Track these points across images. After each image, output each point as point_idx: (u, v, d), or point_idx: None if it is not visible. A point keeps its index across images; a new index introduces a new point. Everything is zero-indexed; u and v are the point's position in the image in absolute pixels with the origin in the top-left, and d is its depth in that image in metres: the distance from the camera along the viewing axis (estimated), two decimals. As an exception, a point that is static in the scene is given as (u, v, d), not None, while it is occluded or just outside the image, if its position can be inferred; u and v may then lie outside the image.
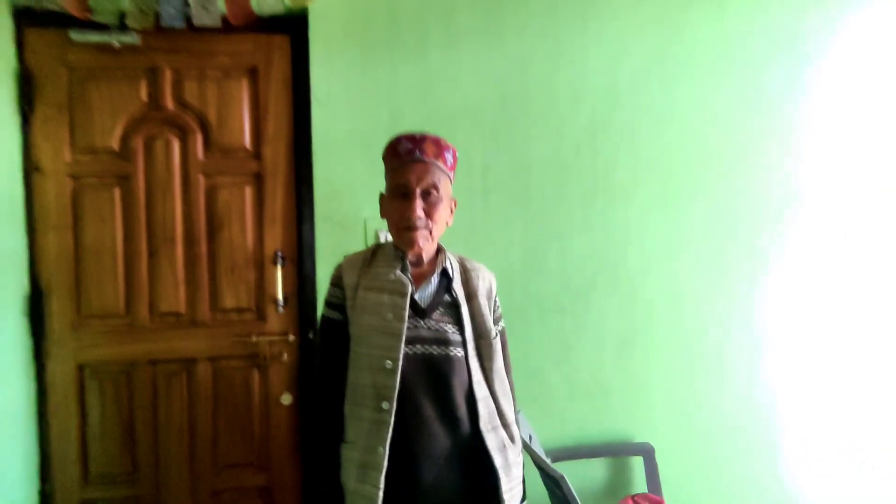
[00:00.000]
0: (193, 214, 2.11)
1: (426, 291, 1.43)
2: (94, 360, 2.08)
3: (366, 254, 1.49)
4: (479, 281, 1.49)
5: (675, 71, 2.22)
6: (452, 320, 1.41)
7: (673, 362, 2.25)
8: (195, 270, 2.12)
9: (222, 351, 2.12)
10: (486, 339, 1.44)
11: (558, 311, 2.18)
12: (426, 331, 1.38)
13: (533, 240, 2.16)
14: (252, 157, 2.13)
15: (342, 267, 1.48)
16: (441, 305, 1.43)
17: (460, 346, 1.40)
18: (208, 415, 2.12)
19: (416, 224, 1.37)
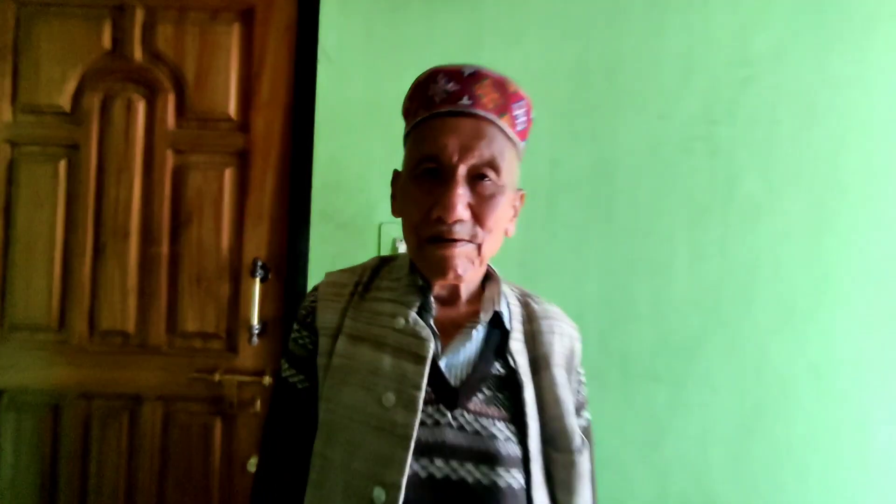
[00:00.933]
0: (155, 202, 1.57)
1: (462, 355, 0.80)
2: (12, 385, 1.57)
3: (361, 273, 0.88)
4: (554, 338, 0.85)
5: (829, 41, 1.52)
6: (505, 413, 0.78)
7: (817, 468, 1.51)
8: (151, 278, 1.57)
9: (177, 389, 1.56)
10: (564, 449, 0.79)
11: (649, 378, 1.50)
12: (457, 432, 0.75)
13: (616, 273, 1.50)
14: (237, 128, 1.58)
15: (318, 292, 0.87)
16: (487, 383, 0.79)
17: (518, 465, 0.75)
18: (153, 474, 1.56)
19: (453, 231, 0.75)
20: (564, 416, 0.79)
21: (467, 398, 0.76)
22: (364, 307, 0.82)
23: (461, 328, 0.80)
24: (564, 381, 0.82)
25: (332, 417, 0.76)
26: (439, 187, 0.75)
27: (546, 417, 0.79)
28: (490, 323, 0.82)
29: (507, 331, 0.82)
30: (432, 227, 0.75)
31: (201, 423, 1.56)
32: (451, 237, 0.74)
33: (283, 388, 0.84)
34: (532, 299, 0.90)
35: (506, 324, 0.83)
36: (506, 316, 0.84)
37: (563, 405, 0.79)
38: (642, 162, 1.51)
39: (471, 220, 0.75)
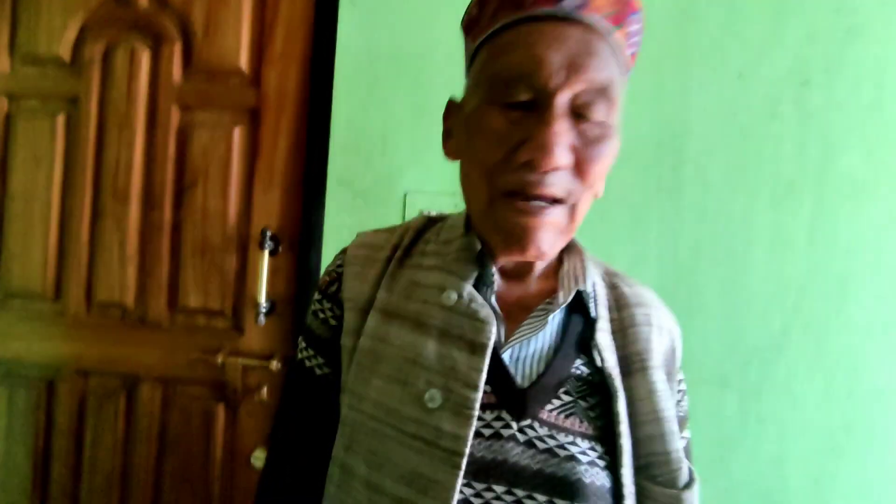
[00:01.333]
0: (158, 163, 1.42)
1: (532, 346, 0.60)
2: (8, 355, 1.46)
3: (403, 233, 0.68)
4: (652, 331, 0.63)
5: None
6: (590, 428, 0.58)
7: (917, 499, 1.25)
8: (152, 246, 1.42)
9: (177, 370, 1.41)
10: (667, 483, 0.58)
11: (716, 385, 1.26)
12: (525, 450, 0.55)
13: (681, 260, 1.26)
14: (249, 83, 1.41)
15: (346, 256, 0.67)
16: (566, 386, 0.59)
17: (606, 500, 0.55)
18: (149, 460, 1.43)
19: (545, 184, 0.54)
20: (667, 437, 0.58)
21: (540, 404, 0.56)
22: (403, 276, 0.63)
23: (531, 310, 0.60)
24: (665, 388, 0.61)
25: (355, 416, 0.57)
26: (529, 120, 0.53)
27: (640, 437, 0.58)
28: (569, 307, 0.62)
29: (592, 318, 0.62)
30: (515, 174, 0.53)
31: (202, 409, 1.41)
32: (541, 193, 0.53)
33: (299, 373, 0.65)
34: (621, 280, 0.68)
35: (591, 309, 0.62)
36: (591, 299, 0.63)
37: (666, 422, 0.58)
38: (717, 128, 1.26)
39: (570, 169, 0.54)
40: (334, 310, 0.64)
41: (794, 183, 1.24)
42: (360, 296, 0.63)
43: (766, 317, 1.25)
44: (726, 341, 1.25)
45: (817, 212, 1.24)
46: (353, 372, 0.59)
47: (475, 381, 0.54)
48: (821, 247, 1.24)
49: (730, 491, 1.25)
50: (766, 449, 1.26)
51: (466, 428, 0.52)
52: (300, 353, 0.66)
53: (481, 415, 0.55)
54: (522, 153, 0.52)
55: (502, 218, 0.55)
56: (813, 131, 1.24)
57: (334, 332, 0.64)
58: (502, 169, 0.54)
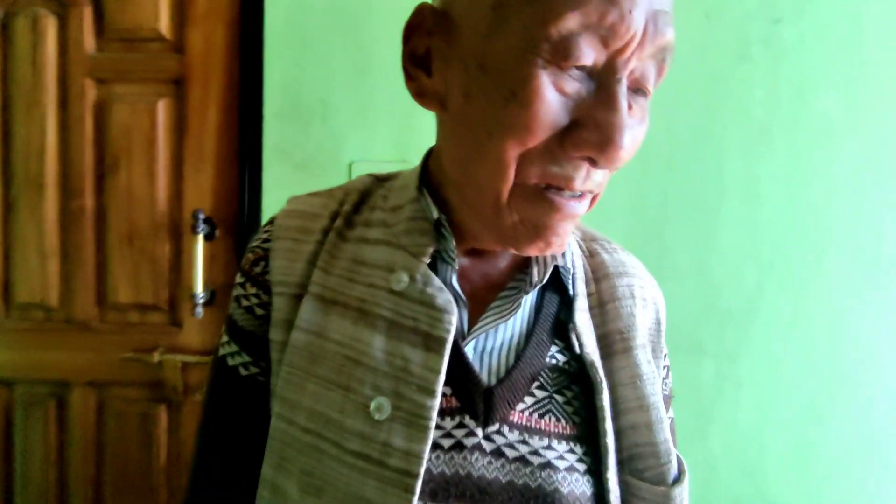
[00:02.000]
0: (74, 144, 1.28)
1: (501, 334, 0.50)
2: (-82, 370, 1.30)
3: (343, 198, 0.55)
4: (636, 305, 0.54)
5: None
6: (569, 426, 0.49)
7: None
8: (74, 238, 1.28)
9: (111, 372, 1.29)
10: (654, 479, 0.49)
11: (690, 351, 1.19)
12: (492, 461, 0.46)
13: (647, 217, 1.17)
14: (170, 49, 1.27)
15: (273, 227, 0.54)
16: (540, 380, 0.49)
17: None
18: (87, 472, 1.30)
19: (590, 180, 0.42)
20: (654, 427, 0.50)
21: (510, 404, 0.47)
22: (345, 252, 0.51)
23: (500, 290, 0.50)
24: (651, 370, 0.52)
25: (286, 429, 0.47)
26: (586, 93, 0.39)
27: (624, 426, 0.50)
28: (547, 284, 0.52)
29: (569, 296, 0.52)
30: (560, 166, 0.40)
31: (140, 411, 1.29)
32: (582, 189, 0.42)
33: (221, 372, 0.53)
34: (600, 245, 0.57)
35: (568, 286, 0.52)
36: (569, 273, 0.53)
37: (652, 410, 0.50)
38: (683, 73, 1.16)
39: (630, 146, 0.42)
40: (260, 296, 0.52)
41: (767, 128, 1.16)
42: (292, 278, 0.50)
43: (740, 275, 1.18)
44: (700, 304, 1.18)
45: (791, 158, 1.17)
46: (284, 374, 0.48)
47: (431, 385, 0.44)
48: (796, 196, 1.17)
49: (708, 462, 1.19)
50: (744, 416, 1.19)
51: (422, 443, 0.43)
52: (222, 349, 0.54)
53: (440, 423, 0.46)
54: (582, 147, 0.39)
55: (527, 211, 0.42)
56: (785, 72, 1.16)
57: (262, 323, 0.52)
58: (540, 155, 0.40)
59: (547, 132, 0.39)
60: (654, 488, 0.49)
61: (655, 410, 0.50)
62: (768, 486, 1.19)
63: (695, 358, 1.18)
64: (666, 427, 0.50)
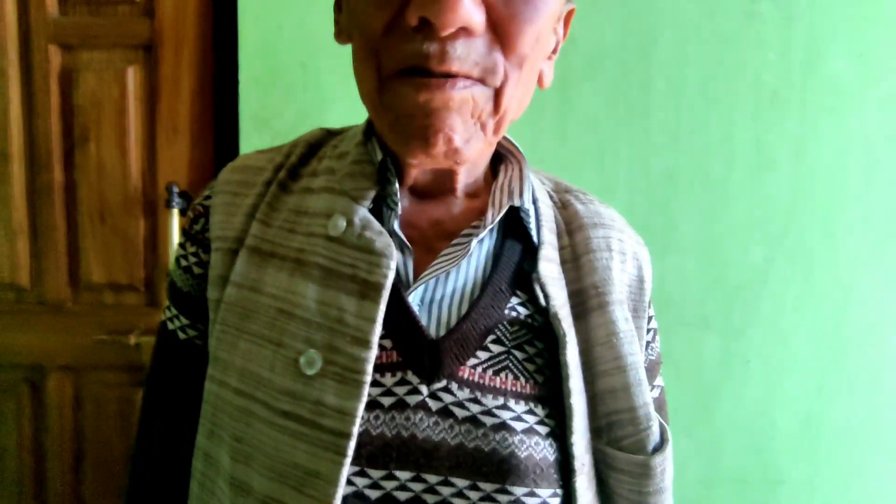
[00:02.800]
0: (40, 115, 1.20)
1: (451, 283, 0.46)
2: None
3: (289, 151, 0.51)
4: (612, 257, 0.50)
5: None
6: (529, 385, 0.45)
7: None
8: (43, 215, 1.22)
9: (87, 356, 1.22)
10: (633, 447, 0.46)
11: (696, 326, 1.13)
12: (438, 421, 0.42)
13: (652, 187, 1.11)
14: (140, 12, 1.19)
15: (216, 183, 0.52)
16: (496, 333, 0.45)
17: (552, 480, 0.43)
18: (64, 461, 1.25)
19: (449, 54, 0.37)
20: (632, 390, 0.46)
21: (460, 359, 0.43)
22: (286, 204, 0.48)
23: (453, 238, 0.46)
24: (629, 328, 0.48)
25: (218, 391, 0.44)
26: None
27: (600, 391, 0.46)
28: (504, 231, 0.48)
29: (533, 244, 0.48)
30: (407, 44, 0.38)
31: (119, 396, 1.23)
32: (444, 67, 0.38)
33: (161, 339, 0.52)
34: (574, 195, 0.53)
35: (532, 232, 0.48)
36: (532, 218, 0.49)
37: (630, 371, 0.46)
38: (689, 36, 1.09)
39: (486, 35, 0.38)
40: (199, 255, 0.49)
41: (778, 94, 1.09)
42: (230, 232, 0.47)
43: (748, 248, 1.12)
44: (706, 277, 1.12)
45: (803, 125, 1.10)
46: (217, 333, 0.45)
47: (366, 336, 0.40)
48: (807, 165, 1.11)
49: (714, 441, 1.14)
50: (751, 393, 1.14)
51: (355, 400, 0.39)
52: (164, 313, 0.52)
53: (379, 379, 0.42)
54: (411, 12, 0.36)
55: (395, 102, 0.39)
56: (797, 33, 1.09)
57: (200, 283, 0.49)
58: (391, 39, 0.39)
59: (382, 13, 0.38)
60: (631, 457, 0.45)
61: (633, 371, 0.46)
62: (776, 464, 1.15)
63: (700, 334, 1.12)
64: (646, 390, 0.46)
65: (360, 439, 0.40)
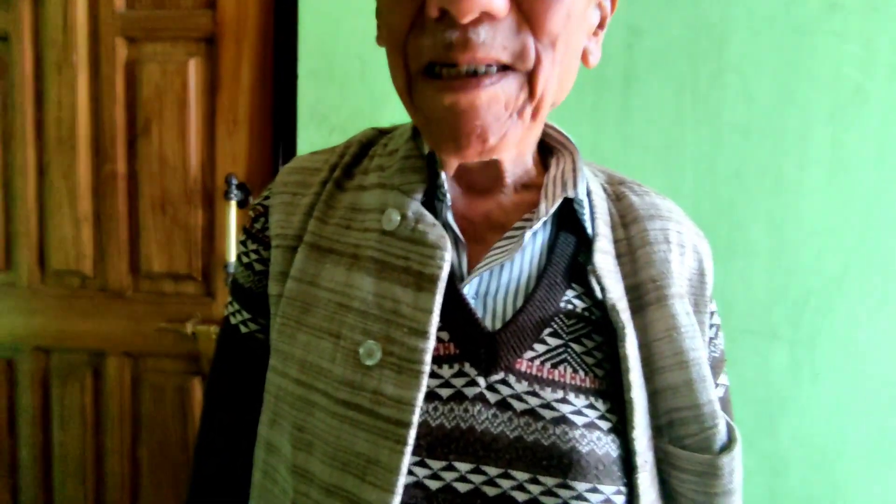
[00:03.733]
0: (106, 106, 1.23)
1: (505, 276, 0.45)
2: (-42, 336, 1.30)
3: (343, 151, 0.52)
4: (671, 250, 0.48)
5: None
6: (589, 378, 0.44)
7: None
8: (107, 204, 1.25)
9: (146, 343, 1.26)
10: (698, 446, 0.44)
11: (764, 335, 1.08)
12: (497, 414, 0.42)
13: (721, 187, 1.06)
14: (202, 5, 1.20)
15: (275, 184, 0.53)
16: (553, 326, 0.44)
17: (615, 476, 0.41)
18: (123, 442, 1.29)
19: (472, 43, 0.36)
20: (696, 387, 0.44)
21: (517, 352, 0.43)
22: (342, 201, 0.49)
23: (505, 230, 0.46)
24: (691, 323, 0.46)
25: (280, 382, 0.45)
26: None
27: (661, 387, 0.45)
28: (557, 224, 0.47)
29: (587, 237, 0.47)
30: (429, 37, 0.37)
31: (176, 384, 1.26)
32: (468, 55, 0.37)
33: (225, 333, 0.53)
34: (628, 187, 0.52)
35: (586, 224, 0.47)
36: (586, 209, 0.47)
37: (693, 366, 0.44)
38: (764, 26, 1.04)
39: (512, 17, 0.37)
40: (260, 252, 0.51)
41: (860, 89, 1.02)
42: (289, 230, 0.49)
43: (821, 254, 1.05)
44: (774, 284, 1.06)
45: (887, 124, 1.03)
46: (278, 325, 0.46)
47: (424, 327, 0.41)
48: (889, 167, 1.04)
49: (778, 455, 1.09)
50: (821, 406, 1.08)
51: (414, 389, 0.40)
52: (226, 308, 0.53)
53: (437, 370, 0.42)
54: (431, 3, 0.36)
55: (423, 104, 0.40)
56: (883, 23, 1.01)
57: (261, 279, 0.50)
58: (415, 36, 0.38)
59: (407, 6, 0.38)
60: (696, 456, 0.43)
61: (696, 367, 0.44)
62: (846, 484, 1.09)
63: (767, 343, 1.07)
64: (710, 387, 0.44)
65: (420, 430, 0.40)
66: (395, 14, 0.39)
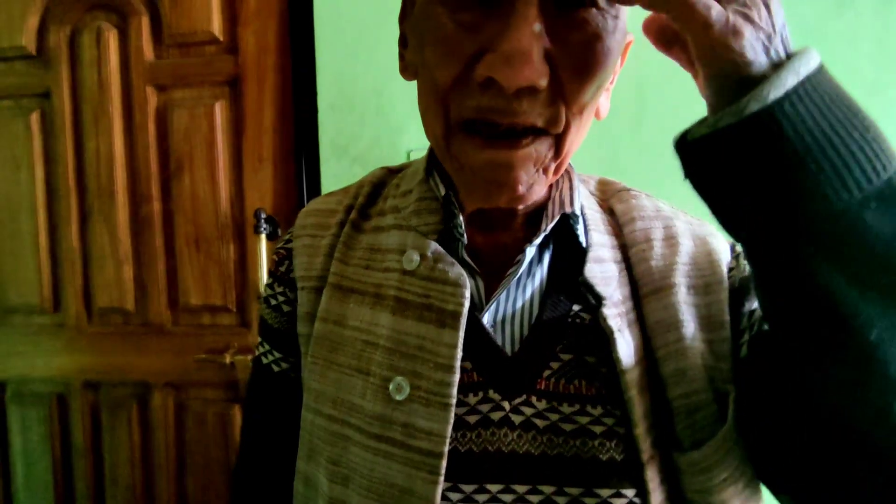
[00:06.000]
0: (140, 151, 1.30)
1: (519, 300, 0.48)
2: (14, 374, 1.38)
3: (357, 192, 0.55)
4: (661, 243, 0.49)
5: None
6: (602, 385, 0.45)
7: None
8: (145, 244, 1.32)
9: (186, 373, 1.31)
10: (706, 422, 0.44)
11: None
12: (522, 434, 0.44)
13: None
14: (225, 50, 1.27)
15: (295, 227, 0.56)
16: (563, 342, 0.46)
17: (629, 478, 0.43)
18: (169, 469, 1.34)
19: (515, 110, 0.39)
20: (701, 374, 0.44)
21: (536, 372, 0.45)
22: (361, 242, 0.51)
23: (509, 252, 0.48)
24: (684, 308, 0.46)
25: (314, 419, 0.48)
26: (488, 20, 0.38)
27: (664, 373, 0.45)
28: (557, 242, 0.49)
29: (584, 247, 0.49)
30: (474, 98, 0.39)
31: (217, 411, 1.30)
32: (511, 122, 0.39)
33: (257, 371, 0.55)
34: (617, 197, 0.53)
35: (580, 236, 0.49)
36: (580, 223, 0.50)
37: (693, 352, 0.45)
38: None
39: (549, 88, 0.39)
40: (287, 293, 0.53)
41: (876, 85, 1.01)
42: (313, 272, 0.51)
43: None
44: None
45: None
46: (309, 365, 0.49)
47: (449, 361, 0.43)
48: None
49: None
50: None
51: (443, 422, 0.42)
52: (257, 349, 0.56)
53: (463, 399, 0.44)
54: (482, 69, 0.38)
55: (463, 155, 0.42)
56: (893, 20, 1.01)
57: (289, 320, 0.53)
58: (459, 91, 0.40)
59: (454, 65, 0.39)
60: (694, 455, 0.42)
61: (698, 352, 0.45)
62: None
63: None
64: (716, 373, 0.44)
65: (451, 457, 0.42)
66: (442, 69, 0.40)
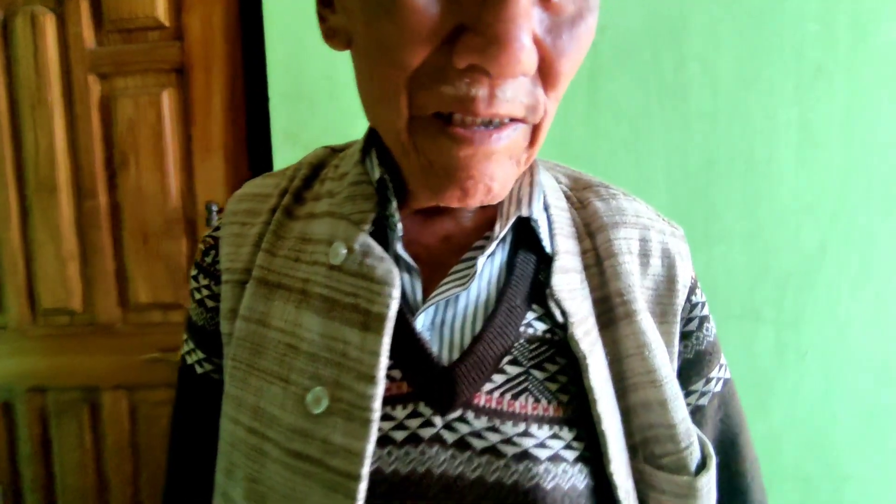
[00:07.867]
0: (83, 143, 1.25)
1: (462, 303, 0.42)
2: (-47, 382, 1.31)
3: (294, 174, 0.48)
4: (632, 259, 0.45)
5: None
6: (553, 408, 0.41)
7: None
8: (91, 240, 1.26)
9: (139, 375, 1.26)
10: (673, 466, 0.42)
11: (748, 318, 1.08)
12: (456, 454, 0.38)
13: (693, 175, 1.07)
14: (170, 37, 1.22)
15: (225, 214, 0.49)
16: (514, 353, 0.41)
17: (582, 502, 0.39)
18: (124, 474, 1.29)
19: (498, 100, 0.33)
20: (669, 405, 0.42)
21: (475, 385, 0.40)
22: (291, 230, 0.45)
23: (464, 251, 0.43)
24: (656, 339, 0.43)
25: (233, 430, 0.42)
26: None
27: (633, 404, 0.43)
28: (516, 242, 0.44)
29: (546, 254, 0.44)
30: (451, 85, 0.33)
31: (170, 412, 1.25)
32: (491, 111, 0.34)
33: (181, 373, 0.50)
34: (594, 192, 0.48)
35: (544, 242, 0.44)
36: (542, 227, 0.44)
37: (665, 384, 0.42)
38: (721, 12, 1.05)
39: (544, 55, 0.35)
40: (211, 287, 0.47)
41: (822, 68, 1.03)
42: (238, 264, 0.45)
43: (799, 233, 1.06)
44: (754, 267, 1.07)
45: (852, 100, 1.04)
46: (229, 369, 0.43)
47: (371, 371, 0.38)
48: (858, 142, 1.05)
49: (770, 437, 1.09)
50: (809, 386, 1.09)
51: (362, 439, 0.37)
52: (182, 347, 0.50)
53: (389, 412, 0.39)
54: (464, 54, 0.32)
55: (430, 149, 0.36)
56: (841, 2, 1.03)
57: (213, 316, 0.47)
58: (430, 76, 0.34)
59: (425, 45, 0.33)
60: (674, 478, 0.41)
61: (669, 385, 0.42)
62: (839, 460, 1.09)
63: (751, 325, 1.08)
64: (682, 405, 0.42)
65: (374, 477, 0.38)
66: (407, 49, 0.33)
